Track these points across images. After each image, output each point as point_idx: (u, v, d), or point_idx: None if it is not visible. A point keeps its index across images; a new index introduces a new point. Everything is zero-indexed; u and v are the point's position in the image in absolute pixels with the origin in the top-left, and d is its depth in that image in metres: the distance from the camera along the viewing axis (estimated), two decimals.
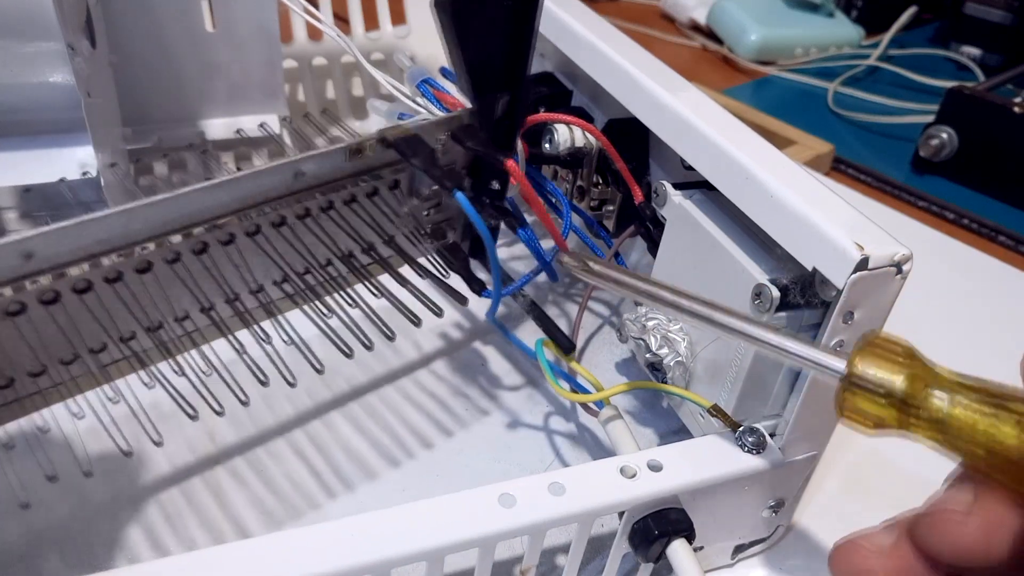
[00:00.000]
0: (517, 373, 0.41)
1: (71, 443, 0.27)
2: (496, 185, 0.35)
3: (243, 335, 0.30)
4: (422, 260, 0.35)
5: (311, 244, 0.32)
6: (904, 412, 0.21)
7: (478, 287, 0.35)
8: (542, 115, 0.38)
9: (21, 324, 0.26)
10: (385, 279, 0.33)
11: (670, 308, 0.26)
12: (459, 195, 0.30)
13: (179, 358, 0.29)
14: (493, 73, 0.32)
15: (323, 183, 0.31)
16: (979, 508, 0.19)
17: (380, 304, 0.31)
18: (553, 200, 0.38)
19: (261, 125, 0.35)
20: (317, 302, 0.32)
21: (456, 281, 0.34)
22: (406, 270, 0.34)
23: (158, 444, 0.27)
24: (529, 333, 0.36)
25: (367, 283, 0.33)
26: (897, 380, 0.21)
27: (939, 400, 0.20)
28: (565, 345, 0.35)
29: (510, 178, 0.33)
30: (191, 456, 0.35)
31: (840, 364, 0.22)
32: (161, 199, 0.27)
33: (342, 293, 0.32)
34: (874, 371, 0.21)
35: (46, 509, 0.32)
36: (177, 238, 0.28)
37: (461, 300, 0.33)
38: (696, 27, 0.85)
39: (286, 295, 0.32)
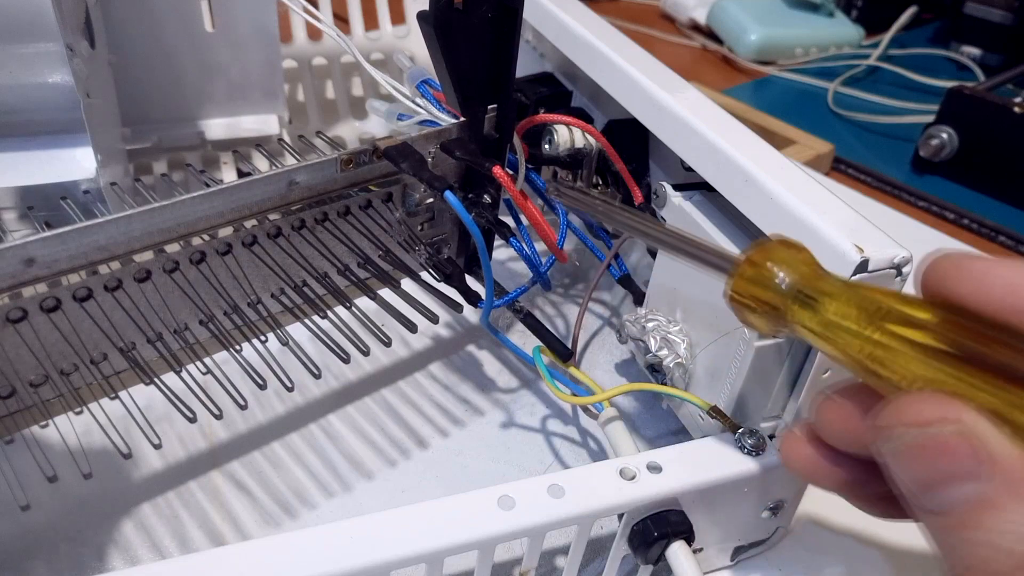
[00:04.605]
0: (516, 374, 0.41)
1: (69, 444, 0.27)
2: (488, 199, 0.35)
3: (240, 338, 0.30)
4: (416, 268, 0.35)
5: (308, 255, 0.32)
6: (784, 319, 0.22)
7: (475, 299, 0.35)
8: (542, 116, 0.38)
9: (23, 331, 0.26)
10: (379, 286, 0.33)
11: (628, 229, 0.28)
12: (449, 195, 0.30)
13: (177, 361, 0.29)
14: (479, 84, 0.33)
15: (316, 193, 0.31)
16: (838, 394, 0.22)
17: (375, 309, 0.31)
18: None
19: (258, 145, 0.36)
20: (315, 316, 0.32)
21: (452, 292, 0.34)
22: (402, 279, 0.34)
23: (157, 446, 0.27)
24: (527, 335, 0.36)
25: (363, 291, 0.33)
26: (771, 296, 0.22)
27: (809, 310, 0.21)
28: (562, 353, 0.35)
29: (501, 188, 0.33)
30: (189, 458, 0.35)
31: (727, 281, 0.23)
32: (159, 206, 0.27)
33: (338, 300, 0.32)
34: (752, 290, 0.22)
35: (45, 510, 0.32)
36: (175, 247, 0.28)
37: (456, 308, 0.33)
38: (696, 27, 0.85)
39: (284, 308, 0.32)
